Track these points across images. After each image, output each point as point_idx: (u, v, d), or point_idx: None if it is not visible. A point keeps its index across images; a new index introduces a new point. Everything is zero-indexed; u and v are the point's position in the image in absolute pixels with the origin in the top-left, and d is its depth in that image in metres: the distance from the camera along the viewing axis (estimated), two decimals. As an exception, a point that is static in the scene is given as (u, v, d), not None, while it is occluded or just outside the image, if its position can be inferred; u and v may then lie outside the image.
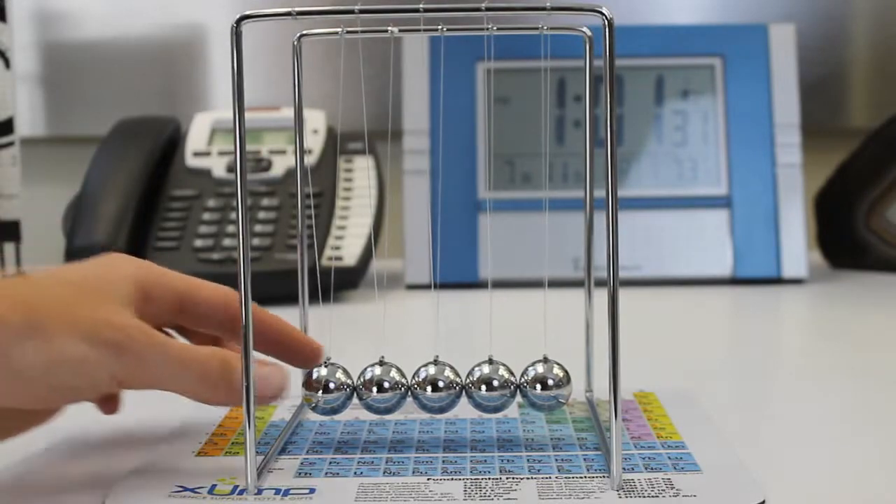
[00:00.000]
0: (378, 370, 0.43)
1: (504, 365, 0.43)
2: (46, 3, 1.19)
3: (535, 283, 0.89)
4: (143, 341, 0.39)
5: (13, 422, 0.41)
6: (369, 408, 0.43)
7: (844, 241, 1.02)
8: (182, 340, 0.44)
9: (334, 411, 0.43)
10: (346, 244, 0.88)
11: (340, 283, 0.86)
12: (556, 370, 0.43)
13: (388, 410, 0.43)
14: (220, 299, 0.45)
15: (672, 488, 0.38)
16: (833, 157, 1.05)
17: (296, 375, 0.44)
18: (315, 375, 0.43)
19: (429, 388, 0.42)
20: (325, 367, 0.43)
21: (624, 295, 0.39)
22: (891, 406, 0.53)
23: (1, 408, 0.38)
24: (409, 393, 0.43)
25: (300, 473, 0.40)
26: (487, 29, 0.43)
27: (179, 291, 0.44)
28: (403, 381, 0.43)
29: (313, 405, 0.43)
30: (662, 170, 0.96)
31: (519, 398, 0.43)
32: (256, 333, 0.41)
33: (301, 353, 0.46)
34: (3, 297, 0.37)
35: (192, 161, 0.93)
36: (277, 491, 0.39)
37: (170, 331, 0.46)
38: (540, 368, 0.43)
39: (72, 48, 1.20)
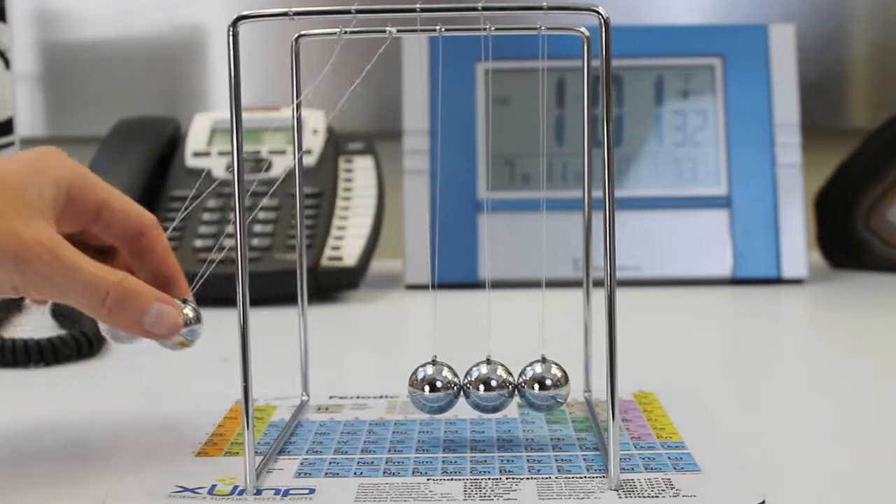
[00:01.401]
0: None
1: (502, 365, 0.43)
2: (46, 3, 1.19)
3: (534, 284, 0.88)
4: (46, 259, 0.40)
5: None
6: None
7: (844, 241, 1.02)
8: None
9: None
10: (346, 244, 0.88)
11: (340, 283, 0.86)
12: (555, 370, 0.43)
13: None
14: (136, 215, 0.46)
15: (672, 488, 0.38)
16: (833, 157, 1.05)
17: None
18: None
19: (426, 388, 0.42)
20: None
21: (624, 295, 0.39)
22: (891, 406, 0.53)
23: None
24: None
25: (300, 473, 0.40)
26: (485, 29, 0.43)
27: (100, 198, 0.45)
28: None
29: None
30: (662, 170, 0.96)
31: (517, 398, 0.43)
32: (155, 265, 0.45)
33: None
34: None
35: (192, 161, 0.93)
36: (277, 491, 0.39)
37: None
38: (538, 368, 0.43)
39: (72, 48, 1.20)
